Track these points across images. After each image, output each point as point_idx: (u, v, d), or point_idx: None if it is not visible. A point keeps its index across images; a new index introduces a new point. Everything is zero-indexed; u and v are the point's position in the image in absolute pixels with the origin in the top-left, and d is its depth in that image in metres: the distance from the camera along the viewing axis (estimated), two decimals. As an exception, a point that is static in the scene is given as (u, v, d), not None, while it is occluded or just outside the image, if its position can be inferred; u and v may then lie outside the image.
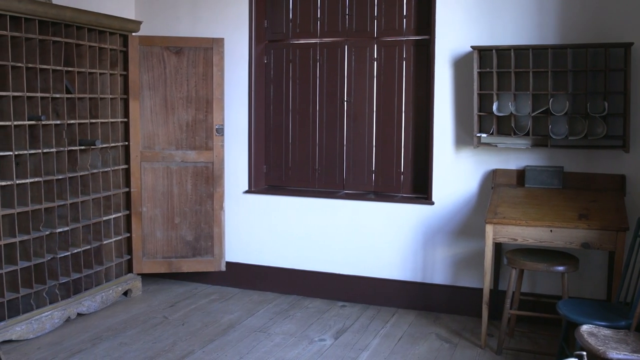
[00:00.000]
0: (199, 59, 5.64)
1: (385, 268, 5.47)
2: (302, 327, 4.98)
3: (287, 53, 5.84)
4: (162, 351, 4.49)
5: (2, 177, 4.49)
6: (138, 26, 5.63)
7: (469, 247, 5.19)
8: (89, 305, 5.18)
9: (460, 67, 5.10)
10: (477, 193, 5.13)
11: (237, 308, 5.43)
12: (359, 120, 5.62)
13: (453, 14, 5.08)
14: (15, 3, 4.37)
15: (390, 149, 5.53)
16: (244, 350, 4.52)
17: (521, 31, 4.89)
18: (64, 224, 5.00)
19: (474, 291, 5.16)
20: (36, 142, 4.73)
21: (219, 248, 5.80)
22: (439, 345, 4.64)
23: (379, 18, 5.50)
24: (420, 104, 5.41)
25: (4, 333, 4.41)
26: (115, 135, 5.53)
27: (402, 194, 5.53)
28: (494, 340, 4.68)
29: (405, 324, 5.06)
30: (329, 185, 5.78)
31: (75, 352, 4.46)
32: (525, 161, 4.97)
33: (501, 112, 4.82)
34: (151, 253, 5.76)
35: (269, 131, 5.97)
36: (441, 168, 5.22)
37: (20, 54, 4.55)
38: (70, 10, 4.86)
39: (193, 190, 5.76)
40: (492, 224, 4.42)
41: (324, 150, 5.76)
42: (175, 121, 5.68)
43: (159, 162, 5.69)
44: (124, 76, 5.60)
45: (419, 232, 5.35)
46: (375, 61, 5.54)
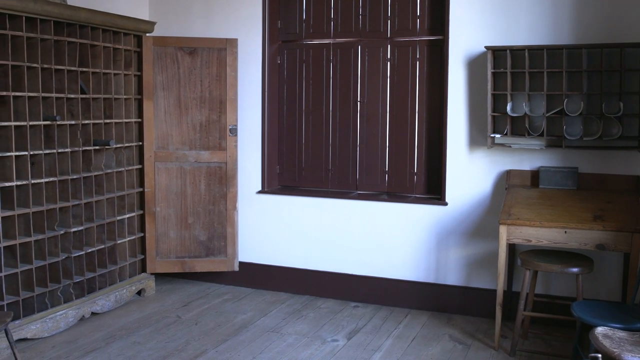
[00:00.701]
0: (213, 60, 5.65)
1: (398, 269, 5.46)
2: (314, 328, 4.98)
3: (301, 53, 5.84)
4: (175, 350, 4.50)
5: (17, 176, 4.53)
6: (152, 27, 5.65)
7: (483, 248, 5.17)
8: (102, 304, 5.21)
9: (474, 67, 5.08)
10: (491, 194, 5.11)
11: (250, 308, 5.44)
12: (372, 121, 5.62)
13: (467, 14, 5.06)
14: (31, 4, 4.40)
15: (403, 150, 5.52)
16: (256, 350, 4.52)
17: (535, 31, 4.87)
18: (78, 223, 5.04)
19: (487, 292, 5.14)
20: (51, 142, 4.77)
21: (232, 248, 5.81)
22: (452, 347, 4.63)
23: (392, 18, 5.49)
24: (434, 105, 5.39)
25: (19, 331, 4.44)
26: (129, 136, 5.56)
27: (416, 194, 5.52)
28: (507, 342, 4.66)
29: (418, 325, 5.05)
30: (342, 185, 5.77)
31: (89, 350, 4.49)
32: (539, 162, 4.94)
33: (515, 113, 4.79)
34: (164, 253, 5.78)
35: (282, 131, 5.97)
36: (455, 169, 5.20)
37: (35, 54, 4.58)
38: (85, 11, 4.89)
39: (206, 191, 5.77)
40: (506, 225, 4.40)
41: (337, 150, 5.75)
42: (189, 121, 5.70)
43: (173, 162, 5.72)
44: (138, 76, 5.62)
45: (432, 233, 5.33)
46: (389, 61, 5.53)
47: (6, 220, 4.48)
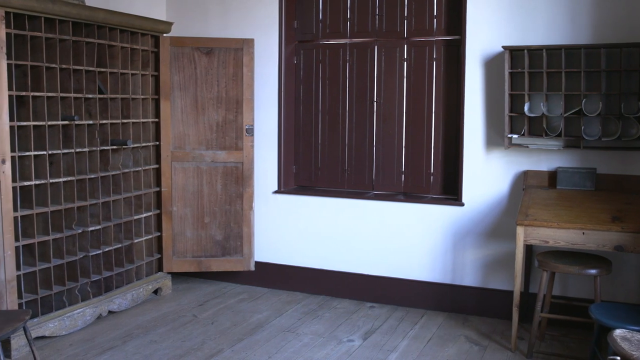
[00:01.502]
0: (229, 60, 5.67)
1: (414, 269, 5.44)
2: (330, 328, 4.98)
3: (317, 53, 5.84)
4: (191, 349, 4.52)
5: (36, 176, 4.57)
6: (169, 27, 5.68)
7: (500, 249, 5.14)
8: (119, 303, 5.24)
9: (491, 67, 5.05)
10: (508, 194, 5.08)
11: (266, 308, 5.45)
12: (389, 121, 5.61)
13: (484, 13, 5.04)
14: (50, 5, 4.44)
15: (420, 150, 5.51)
16: (272, 350, 4.53)
17: (553, 31, 4.83)
18: (95, 222, 5.07)
19: (504, 293, 5.11)
20: (69, 142, 4.80)
21: (248, 248, 5.82)
22: (468, 348, 4.60)
23: (409, 18, 5.48)
24: (451, 105, 5.37)
25: (37, 329, 4.48)
26: (147, 135, 5.59)
27: (432, 194, 5.50)
28: (524, 344, 4.63)
29: (434, 326, 5.03)
30: (359, 185, 5.77)
31: (106, 349, 4.52)
32: (557, 162, 4.91)
33: (533, 113, 4.76)
34: (181, 252, 5.81)
35: (298, 131, 5.98)
36: (471, 169, 5.18)
37: (54, 55, 4.62)
38: (103, 11, 4.92)
39: (223, 190, 5.79)
40: (523, 226, 4.36)
41: (354, 150, 5.75)
42: (206, 121, 5.72)
43: (190, 162, 5.74)
44: (155, 77, 5.65)
45: (448, 234, 5.31)
46: (405, 61, 5.51)
47: (25, 219, 4.53)
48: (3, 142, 4.20)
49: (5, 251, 4.24)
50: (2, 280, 4.24)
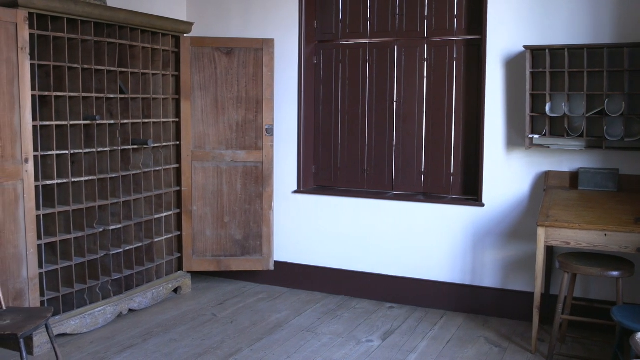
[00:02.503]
0: (249, 60, 5.69)
1: (434, 270, 5.42)
2: (349, 328, 4.98)
3: (337, 53, 5.84)
4: (210, 348, 4.54)
5: (58, 175, 4.62)
6: (190, 27, 5.71)
7: (520, 250, 5.11)
8: (140, 301, 5.28)
9: (512, 67, 5.02)
10: (529, 195, 5.05)
11: (285, 307, 5.46)
12: (409, 121, 5.59)
13: (505, 13, 5.00)
14: (72, 6, 4.48)
15: (440, 150, 5.48)
16: (291, 350, 4.53)
17: (575, 30, 4.79)
18: (116, 221, 5.11)
19: (524, 295, 5.07)
20: (91, 142, 4.85)
21: (267, 247, 5.84)
22: (488, 349, 4.58)
23: (429, 18, 5.46)
24: (471, 105, 5.34)
25: (59, 327, 4.53)
26: (167, 135, 5.62)
27: (452, 195, 5.47)
28: (544, 346, 4.59)
29: (454, 327, 5.01)
30: (378, 186, 5.76)
31: (126, 347, 4.55)
32: (578, 163, 4.86)
33: (554, 113, 4.72)
34: (201, 251, 5.84)
35: (318, 131, 5.98)
36: (492, 169, 5.14)
37: (76, 55, 4.67)
38: (124, 12, 4.96)
39: (242, 190, 5.81)
40: (544, 227, 4.33)
41: (373, 150, 5.74)
42: (226, 121, 5.74)
43: (210, 161, 5.76)
44: (176, 77, 5.68)
45: (468, 234, 5.28)
46: (426, 61, 5.49)
47: (47, 217, 4.58)
48: (26, 141, 4.25)
49: (27, 249, 4.29)
50: (25, 278, 4.29)
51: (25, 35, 4.19)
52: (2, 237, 4.14)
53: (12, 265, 4.21)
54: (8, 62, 4.11)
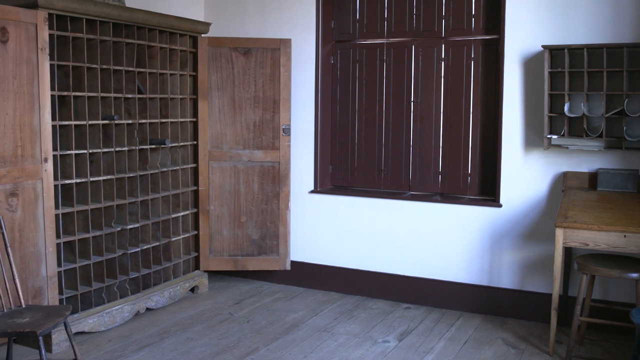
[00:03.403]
0: (267, 60, 5.69)
1: (450, 270, 5.40)
2: (366, 328, 4.97)
3: (354, 53, 5.83)
4: (227, 347, 4.56)
5: (77, 174, 4.66)
6: (207, 27, 5.73)
7: (538, 251, 5.07)
8: (157, 300, 5.30)
9: (530, 67, 4.99)
10: (547, 196, 5.01)
11: (302, 307, 5.46)
12: (426, 121, 5.57)
13: (523, 12, 4.97)
14: (91, 6, 4.52)
15: (457, 150, 5.46)
16: (307, 350, 4.54)
17: (594, 29, 4.74)
18: (134, 220, 5.14)
19: (542, 296, 5.04)
20: (109, 141, 4.88)
21: (284, 247, 5.84)
22: (505, 351, 4.55)
23: (447, 17, 5.43)
24: (489, 105, 5.32)
25: (77, 325, 4.56)
26: (185, 135, 5.65)
27: (469, 195, 5.45)
28: (562, 348, 4.56)
29: (471, 328, 4.99)
30: (395, 186, 5.74)
31: (144, 345, 4.58)
32: (597, 164, 4.82)
33: (573, 113, 4.68)
34: (218, 251, 5.85)
35: (335, 131, 5.98)
36: (509, 170, 5.11)
37: (95, 55, 4.70)
38: (143, 12, 4.99)
39: (259, 190, 5.82)
40: (563, 228, 4.29)
41: (390, 150, 5.72)
42: (243, 121, 5.75)
43: (227, 161, 5.78)
44: (193, 77, 5.71)
45: (485, 235, 5.26)
46: (443, 61, 5.47)
47: (66, 216, 4.62)
48: (45, 141, 4.29)
49: (47, 248, 4.33)
50: (44, 277, 4.33)
51: (45, 35, 4.23)
52: (22, 235, 4.18)
53: (32, 264, 4.25)
54: (28, 62, 4.15)
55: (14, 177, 4.10)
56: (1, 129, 4.01)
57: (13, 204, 4.11)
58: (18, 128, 4.12)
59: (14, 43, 4.05)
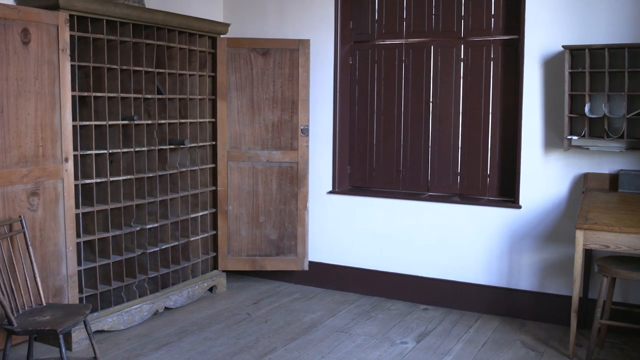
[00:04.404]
0: (285, 60, 5.70)
1: (469, 272, 5.38)
2: (384, 329, 4.96)
3: (373, 54, 5.82)
4: (245, 347, 4.57)
5: (97, 174, 4.69)
6: (226, 28, 5.75)
7: (558, 253, 5.03)
8: (175, 299, 5.33)
9: (550, 67, 4.95)
10: (567, 197, 4.97)
11: (319, 308, 5.46)
12: (445, 122, 5.55)
13: (543, 12, 4.93)
14: (112, 8, 4.55)
15: (476, 151, 5.43)
16: (325, 350, 4.54)
17: (616, 29, 4.70)
18: (153, 220, 5.17)
19: (562, 299, 5.00)
20: (129, 141, 4.91)
21: (302, 247, 5.85)
22: (524, 353, 4.52)
23: (466, 18, 5.41)
24: (508, 105, 5.28)
25: (97, 323, 4.60)
26: (203, 135, 5.67)
27: (488, 196, 5.42)
28: (582, 351, 4.52)
29: (489, 330, 4.96)
30: (413, 187, 5.73)
31: (162, 344, 4.60)
32: (618, 165, 4.77)
33: (594, 114, 4.64)
34: (236, 251, 5.87)
35: (353, 132, 5.97)
36: (529, 171, 5.08)
37: (115, 56, 4.74)
38: (162, 13, 5.02)
39: (278, 190, 5.83)
40: (583, 230, 4.25)
41: (409, 151, 5.71)
42: (261, 121, 5.77)
43: (245, 161, 5.80)
44: (212, 77, 5.73)
45: (504, 236, 5.22)
46: (462, 62, 5.45)
47: (86, 216, 4.66)
48: (66, 141, 4.33)
49: (67, 247, 4.37)
50: (64, 275, 4.37)
51: (66, 36, 4.27)
52: (43, 234, 4.22)
53: (52, 263, 4.29)
54: (49, 63, 4.19)
55: (35, 176, 4.15)
56: (23, 129, 4.06)
57: (34, 203, 4.16)
58: (39, 128, 4.16)
59: (36, 44, 4.10)
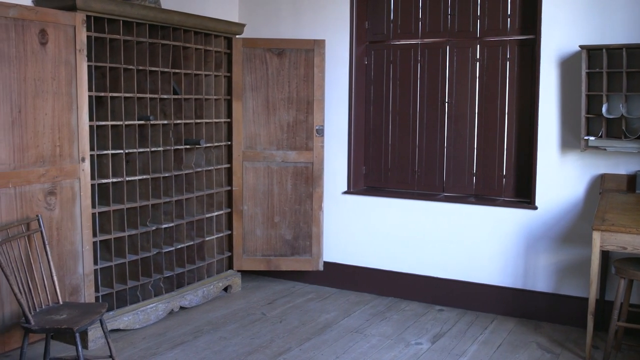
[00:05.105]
0: (300, 61, 5.71)
1: (484, 273, 5.35)
2: (398, 330, 4.95)
3: (388, 54, 5.81)
4: (260, 347, 4.58)
5: (113, 174, 4.72)
6: (242, 29, 5.77)
7: (574, 255, 4.99)
8: (191, 299, 5.35)
9: (567, 67, 4.91)
10: (584, 198, 4.93)
11: (334, 308, 5.46)
12: (460, 122, 5.53)
13: (560, 11, 4.90)
14: (128, 8, 4.58)
15: (492, 152, 5.40)
16: (339, 351, 4.53)
17: (633, 29, 4.65)
18: (169, 220, 5.20)
19: (578, 300, 4.96)
20: (145, 141, 4.94)
21: (317, 248, 5.85)
22: (540, 355, 4.49)
23: (482, 17, 5.38)
24: (524, 106, 5.25)
25: (113, 322, 4.63)
26: (219, 135, 5.69)
27: (504, 197, 5.39)
28: (599, 353, 4.48)
29: (505, 331, 4.93)
30: (429, 187, 5.71)
31: (177, 343, 4.62)
32: (636, 166, 4.73)
33: (611, 114, 4.60)
34: (251, 250, 5.88)
35: (368, 132, 5.97)
36: (545, 172, 5.05)
37: (131, 56, 4.76)
38: (178, 14, 5.04)
39: (293, 190, 5.83)
40: (600, 231, 4.22)
41: (424, 151, 5.69)
42: (277, 122, 5.77)
43: (260, 161, 5.81)
44: (228, 77, 5.75)
45: (520, 237, 5.19)
46: (478, 62, 5.42)
47: (102, 215, 4.69)
48: (83, 140, 4.36)
49: (84, 246, 4.40)
50: (81, 274, 4.40)
51: (83, 37, 4.30)
52: (60, 233, 4.26)
53: (69, 262, 4.33)
54: (67, 63, 4.22)
55: (53, 176, 4.18)
56: (40, 129, 4.09)
57: (51, 202, 4.19)
58: (57, 128, 4.20)
59: (53, 45, 4.13)
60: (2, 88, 3.86)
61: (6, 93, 3.89)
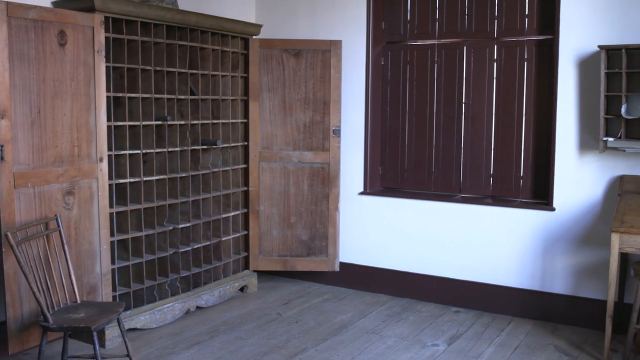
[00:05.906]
0: (317, 61, 5.71)
1: (501, 274, 5.32)
2: (415, 331, 4.93)
3: (405, 54, 5.80)
4: (276, 347, 4.58)
5: (131, 174, 4.75)
6: (258, 29, 5.78)
7: (592, 256, 4.95)
8: (207, 299, 5.37)
9: (585, 67, 4.87)
10: (602, 200, 4.89)
11: (350, 308, 5.45)
12: (477, 123, 5.50)
13: (578, 11, 4.86)
14: (146, 9, 4.60)
15: (509, 153, 5.37)
16: (355, 351, 4.53)
17: (654, 29, 4.61)
18: (185, 220, 5.22)
19: (596, 303, 4.92)
20: (162, 142, 4.96)
21: (333, 248, 5.85)
22: (557, 358, 4.46)
23: (499, 18, 5.36)
24: (542, 106, 5.22)
25: (130, 321, 4.65)
26: (236, 136, 5.71)
27: (521, 199, 5.36)
28: (617, 356, 4.44)
29: (522, 334, 4.90)
30: (445, 188, 5.69)
31: (194, 343, 4.64)
32: (656, 167, 4.69)
33: (630, 115, 4.56)
34: (267, 251, 5.89)
35: (385, 133, 5.95)
36: (563, 173, 5.01)
37: (149, 57, 4.79)
38: (195, 15, 5.06)
39: (309, 191, 5.83)
40: (619, 233, 4.18)
41: (441, 152, 5.67)
42: (293, 122, 5.78)
43: (277, 162, 5.82)
44: (245, 78, 5.76)
45: (538, 239, 5.16)
46: (495, 62, 5.39)
47: (120, 215, 4.72)
48: (101, 141, 4.39)
49: (101, 245, 4.43)
50: (98, 274, 4.43)
51: (101, 38, 4.33)
52: (78, 233, 4.29)
53: (87, 261, 4.36)
54: (85, 64, 4.26)
55: (71, 176, 4.21)
56: (59, 129, 4.13)
57: (70, 202, 4.22)
58: (75, 128, 4.23)
59: (72, 46, 4.16)
60: (22, 89, 3.90)
61: (25, 94, 3.92)
